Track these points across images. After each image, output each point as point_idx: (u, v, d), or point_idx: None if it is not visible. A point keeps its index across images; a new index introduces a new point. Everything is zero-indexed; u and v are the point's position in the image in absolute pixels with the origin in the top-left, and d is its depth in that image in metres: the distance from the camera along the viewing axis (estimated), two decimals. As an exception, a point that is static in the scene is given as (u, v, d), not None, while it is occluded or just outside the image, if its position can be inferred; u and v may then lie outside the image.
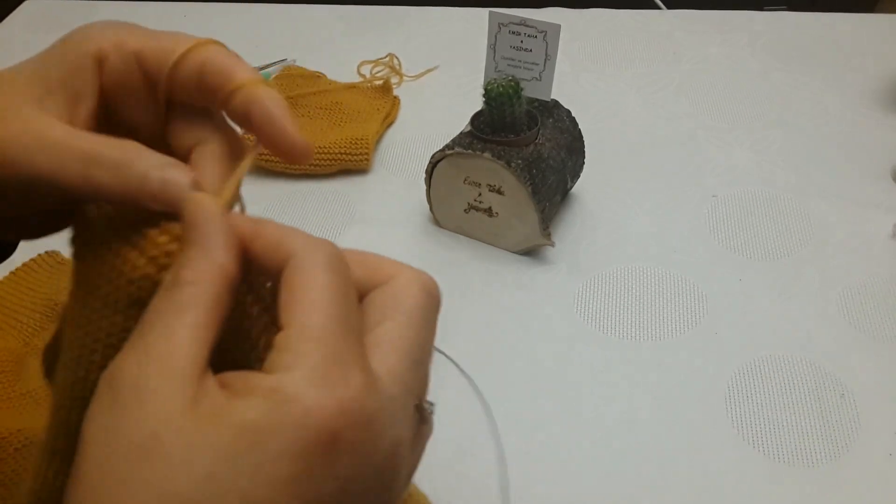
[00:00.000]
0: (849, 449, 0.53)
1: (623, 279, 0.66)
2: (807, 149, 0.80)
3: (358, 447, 0.22)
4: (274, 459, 0.21)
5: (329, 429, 0.21)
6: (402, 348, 0.24)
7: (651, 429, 0.55)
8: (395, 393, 0.24)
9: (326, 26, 1.02)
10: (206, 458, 0.20)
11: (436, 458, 0.35)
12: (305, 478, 0.21)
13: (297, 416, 0.21)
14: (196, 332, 0.22)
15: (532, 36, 0.64)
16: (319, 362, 0.22)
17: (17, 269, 0.66)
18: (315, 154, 0.77)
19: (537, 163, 0.63)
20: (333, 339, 0.22)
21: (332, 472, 0.21)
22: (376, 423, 0.22)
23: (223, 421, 0.21)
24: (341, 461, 0.21)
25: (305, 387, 0.21)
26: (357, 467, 0.22)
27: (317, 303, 0.23)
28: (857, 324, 0.62)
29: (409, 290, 0.26)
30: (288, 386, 0.21)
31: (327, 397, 0.21)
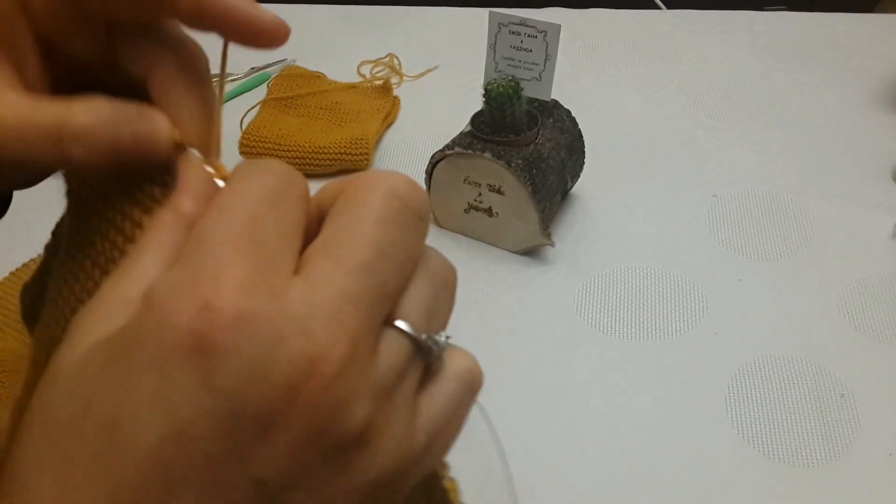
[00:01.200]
0: (849, 449, 0.53)
1: (623, 279, 0.66)
2: (807, 149, 0.80)
3: (237, 354, 0.18)
4: (132, 369, 0.18)
5: (190, 331, 0.18)
6: (339, 251, 0.20)
7: (651, 429, 0.55)
8: (317, 298, 0.19)
9: (326, 26, 1.02)
10: (78, 379, 0.19)
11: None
12: (172, 389, 0.18)
13: (154, 318, 0.18)
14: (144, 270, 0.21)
15: (532, 36, 0.64)
16: (192, 265, 0.19)
17: (17, 269, 0.66)
18: (315, 154, 0.77)
19: (537, 163, 0.63)
20: (218, 242, 0.19)
21: (206, 384, 0.18)
22: (267, 328, 0.18)
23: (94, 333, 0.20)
24: (217, 371, 0.18)
25: (167, 289, 0.19)
26: (244, 379, 0.18)
27: (220, 208, 0.20)
28: (858, 324, 0.62)
29: (362, 193, 0.21)
30: (152, 290, 0.19)
31: (188, 297, 0.18)
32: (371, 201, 0.21)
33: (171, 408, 0.18)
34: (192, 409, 0.18)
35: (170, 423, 0.18)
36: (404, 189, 0.21)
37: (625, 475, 0.53)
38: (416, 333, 0.21)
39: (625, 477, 0.52)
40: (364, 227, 0.21)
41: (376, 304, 0.20)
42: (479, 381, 0.23)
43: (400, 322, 0.21)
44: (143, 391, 0.18)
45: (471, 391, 0.23)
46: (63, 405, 0.19)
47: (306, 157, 0.77)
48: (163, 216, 0.23)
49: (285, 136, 0.78)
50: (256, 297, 0.18)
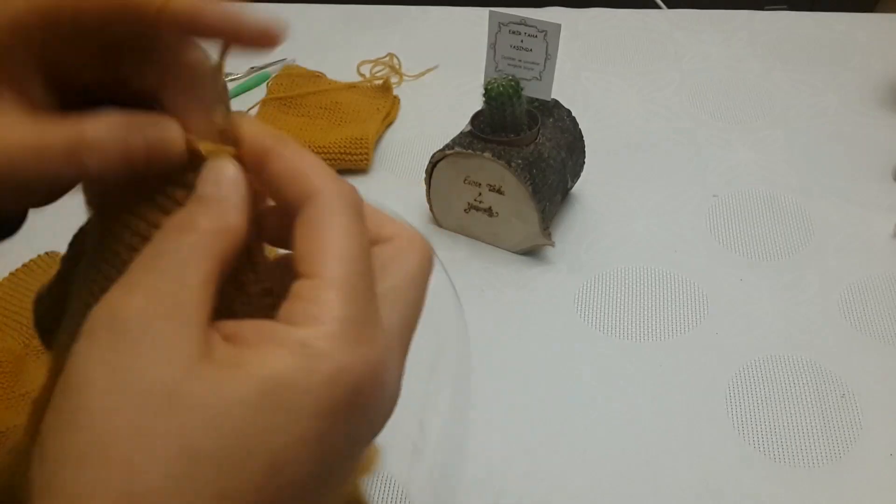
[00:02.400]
0: (850, 449, 0.53)
1: (623, 279, 0.66)
2: (807, 148, 0.80)
3: (372, 405, 0.22)
4: (302, 417, 0.20)
5: (357, 388, 0.21)
6: (403, 308, 0.24)
7: (651, 429, 0.55)
8: (396, 350, 0.23)
9: (326, 26, 1.02)
10: (230, 413, 0.19)
11: (430, 455, 0.35)
12: (328, 437, 0.20)
13: (329, 373, 0.20)
14: (206, 281, 0.21)
15: (532, 35, 0.63)
16: (349, 318, 0.21)
17: (17, 269, 0.66)
18: (315, 153, 0.77)
19: (537, 162, 0.63)
20: (360, 294, 0.22)
21: (349, 429, 0.21)
22: (388, 381, 0.22)
23: (245, 372, 0.20)
24: (357, 420, 0.21)
25: (337, 344, 0.20)
26: (367, 425, 0.22)
27: (343, 251, 0.22)
28: (858, 324, 0.62)
29: (410, 251, 0.25)
30: (318, 341, 0.20)
31: (357, 356, 0.21)
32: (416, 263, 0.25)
33: (324, 448, 0.20)
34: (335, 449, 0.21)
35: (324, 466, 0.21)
36: (430, 251, 0.26)
37: (625, 475, 0.53)
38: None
39: (625, 477, 0.52)
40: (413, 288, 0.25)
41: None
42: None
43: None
44: (308, 437, 0.20)
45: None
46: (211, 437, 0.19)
47: (306, 156, 0.76)
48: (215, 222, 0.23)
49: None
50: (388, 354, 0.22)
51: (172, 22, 0.24)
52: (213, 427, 0.19)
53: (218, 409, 0.19)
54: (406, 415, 0.26)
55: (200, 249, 0.22)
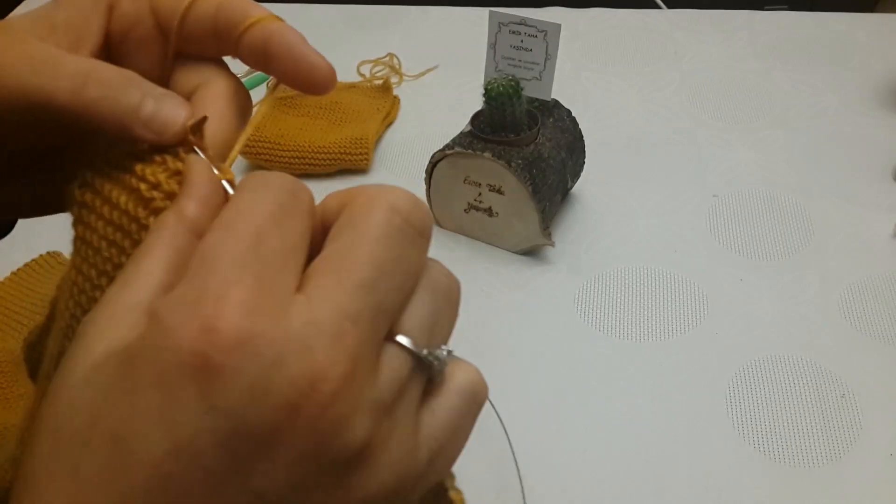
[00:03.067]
0: (850, 449, 0.53)
1: (623, 279, 0.66)
2: (807, 148, 0.80)
3: (238, 374, 0.18)
4: (137, 387, 0.19)
5: (194, 351, 0.18)
6: (340, 269, 0.20)
7: (651, 429, 0.55)
8: (317, 317, 0.19)
9: (326, 26, 1.02)
10: (87, 392, 0.20)
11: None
12: (175, 407, 0.18)
13: (159, 338, 0.19)
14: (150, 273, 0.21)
15: (532, 35, 0.63)
16: (196, 283, 0.19)
17: (19, 269, 0.66)
18: (315, 154, 0.77)
19: (537, 162, 0.63)
20: (222, 260, 0.20)
21: (208, 403, 0.18)
22: (267, 349, 0.18)
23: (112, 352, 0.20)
24: (218, 390, 0.18)
25: (172, 308, 0.19)
26: (244, 399, 0.18)
27: (225, 224, 0.21)
28: (859, 324, 0.62)
29: (366, 209, 0.22)
30: (158, 308, 0.19)
31: (191, 317, 0.19)
32: (372, 218, 0.21)
33: (174, 425, 0.18)
34: (193, 427, 0.18)
35: (173, 439, 0.18)
36: (406, 205, 0.22)
37: (625, 475, 0.53)
38: (417, 349, 0.21)
39: (625, 477, 0.52)
40: (365, 245, 0.21)
41: (377, 322, 0.20)
42: (483, 393, 0.24)
43: (401, 337, 0.21)
44: (148, 407, 0.19)
45: (475, 404, 0.23)
46: (71, 415, 0.20)
47: (306, 156, 0.76)
48: (165, 219, 0.23)
49: (285, 135, 0.78)
50: (258, 317, 0.19)
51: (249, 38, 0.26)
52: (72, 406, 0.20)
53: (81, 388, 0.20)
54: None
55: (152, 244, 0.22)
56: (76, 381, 0.20)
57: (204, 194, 0.23)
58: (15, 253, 0.67)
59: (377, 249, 0.21)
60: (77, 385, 0.20)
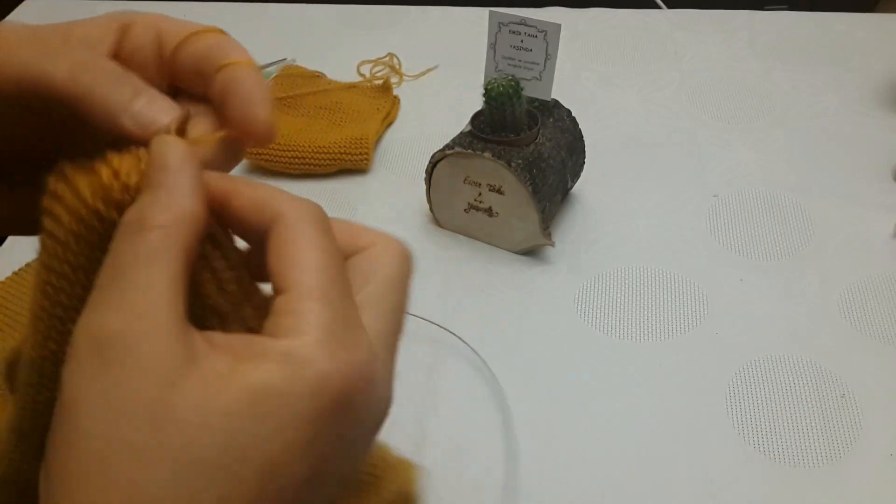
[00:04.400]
0: (850, 449, 0.53)
1: (623, 279, 0.66)
2: (807, 148, 0.80)
3: (362, 409, 0.22)
4: (292, 423, 0.21)
5: (342, 392, 0.21)
6: (385, 312, 0.24)
7: (651, 429, 0.55)
8: (383, 355, 0.24)
9: (326, 26, 1.02)
10: (223, 423, 0.20)
11: (431, 455, 0.35)
12: (317, 440, 0.21)
13: (315, 380, 0.21)
14: (172, 282, 0.22)
15: (532, 35, 0.63)
16: (328, 325, 0.22)
17: (20, 269, 0.66)
18: (315, 154, 0.77)
19: (537, 162, 0.63)
20: (337, 301, 0.22)
21: (338, 434, 0.22)
22: (376, 385, 0.23)
23: (236, 384, 0.21)
24: (348, 423, 0.22)
25: (319, 350, 0.21)
26: (360, 428, 0.23)
27: (314, 263, 0.23)
28: (858, 324, 0.62)
29: (388, 256, 0.26)
30: (301, 350, 0.21)
31: (342, 361, 0.21)
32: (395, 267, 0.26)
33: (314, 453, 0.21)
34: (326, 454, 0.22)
35: (313, 468, 0.21)
36: (409, 254, 0.27)
37: (625, 475, 0.53)
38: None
39: (625, 477, 0.52)
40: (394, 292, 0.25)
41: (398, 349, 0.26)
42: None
43: None
44: (298, 441, 0.21)
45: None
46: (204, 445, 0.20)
47: (306, 156, 0.76)
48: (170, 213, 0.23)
49: (285, 135, 0.78)
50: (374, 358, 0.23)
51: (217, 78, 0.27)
52: (206, 438, 0.20)
53: (209, 420, 0.20)
54: (406, 415, 0.26)
55: (161, 249, 0.22)
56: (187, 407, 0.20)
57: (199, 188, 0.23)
58: (15, 253, 0.67)
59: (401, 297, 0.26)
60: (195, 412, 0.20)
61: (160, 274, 0.21)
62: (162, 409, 0.20)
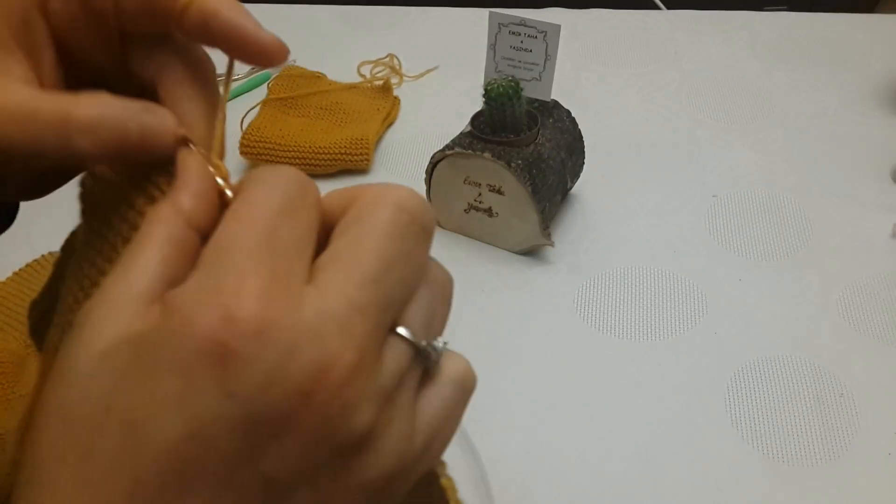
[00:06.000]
0: (848, 448, 0.53)
1: (623, 279, 0.66)
2: (807, 149, 0.80)
3: (255, 362, 0.19)
4: (154, 374, 0.19)
5: (213, 339, 0.19)
6: (350, 263, 0.21)
7: (651, 429, 0.55)
8: (328, 308, 0.20)
9: (326, 26, 1.02)
10: (100, 378, 0.20)
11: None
12: (192, 393, 0.19)
13: (177, 326, 0.19)
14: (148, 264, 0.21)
15: (532, 36, 0.64)
16: (213, 273, 0.20)
17: (20, 269, 0.66)
18: (315, 154, 0.77)
19: (537, 163, 0.64)
20: (236, 251, 0.20)
21: (224, 389, 0.19)
22: (282, 338, 0.19)
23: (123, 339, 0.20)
24: (236, 377, 0.19)
25: (190, 297, 0.20)
26: (260, 385, 0.19)
27: (237, 216, 0.21)
28: (857, 324, 0.62)
29: (372, 207, 0.22)
30: (175, 297, 0.20)
31: (210, 305, 0.19)
32: (380, 214, 0.22)
33: (191, 410, 0.19)
34: (210, 413, 0.19)
35: (189, 424, 0.19)
36: (412, 203, 0.23)
37: (625, 475, 0.53)
38: (417, 340, 0.22)
39: (625, 477, 0.53)
40: (373, 240, 0.22)
41: (383, 314, 0.21)
42: (472, 382, 0.25)
43: (402, 329, 0.22)
44: (165, 393, 0.19)
45: (465, 393, 0.24)
46: (83, 402, 0.20)
47: (307, 157, 0.77)
48: (161, 211, 0.23)
49: (286, 136, 0.78)
50: (274, 307, 0.19)
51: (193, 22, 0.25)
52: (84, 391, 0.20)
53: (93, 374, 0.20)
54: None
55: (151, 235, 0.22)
56: (84, 367, 0.20)
57: (198, 187, 0.23)
58: (15, 253, 0.67)
59: (385, 245, 0.22)
60: (86, 371, 0.20)
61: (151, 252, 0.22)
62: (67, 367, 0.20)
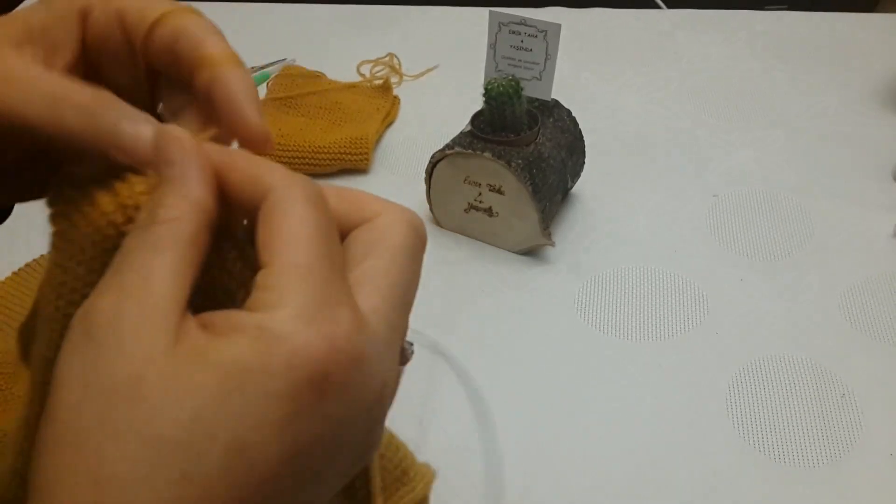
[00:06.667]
0: (850, 449, 0.53)
1: (623, 279, 0.66)
2: (807, 148, 0.80)
3: (348, 387, 0.21)
4: (262, 400, 0.20)
5: (319, 368, 0.20)
6: (386, 286, 0.23)
7: (651, 429, 0.55)
8: (380, 332, 0.23)
9: (326, 26, 1.02)
10: (190, 400, 0.20)
11: (431, 455, 0.35)
12: (295, 419, 0.20)
13: (286, 355, 0.20)
14: (175, 270, 0.21)
15: (532, 35, 0.63)
16: (307, 300, 0.21)
17: (20, 269, 0.66)
18: (315, 154, 0.77)
19: (537, 162, 0.63)
20: (319, 276, 0.21)
21: (322, 413, 0.21)
22: (365, 363, 0.22)
23: (207, 360, 0.20)
24: (331, 401, 0.21)
25: (294, 325, 0.20)
26: (347, 408, 0.21)
27: (299, 238, 0.22)
28: (859, 323, 0.62)
29: (394, 228, 0.24)
30: (275, 324, 0.20)
31: (317, 335, 0.20)
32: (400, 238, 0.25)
33: (292, 433, 0.20)
34: (307, 434, 0.21)
35: (293, 447, 0.21)
36: (420, 225, 0.25)
37: (625, 475, 0.53)
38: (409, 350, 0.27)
39: (625, 477, 0.52)
40: (399, 264, 0.24)
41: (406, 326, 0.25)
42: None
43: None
44: (271, 419, 0.20)
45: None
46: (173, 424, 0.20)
47: (306, 156, 0.77)
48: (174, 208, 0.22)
49: (285, 135, 0.78)
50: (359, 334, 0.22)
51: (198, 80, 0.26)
52: (170, 414, 0.20)
53: (178, 396, 0.20)
54: (406, 414, 0.26)
55: (167, 239, 0.22)
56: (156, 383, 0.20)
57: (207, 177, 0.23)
58: (15, 253, 0.67)
59: (408, 267, 0.24)
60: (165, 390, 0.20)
61: (163, 261, 0.21)
62: (136, 385, 0.20)
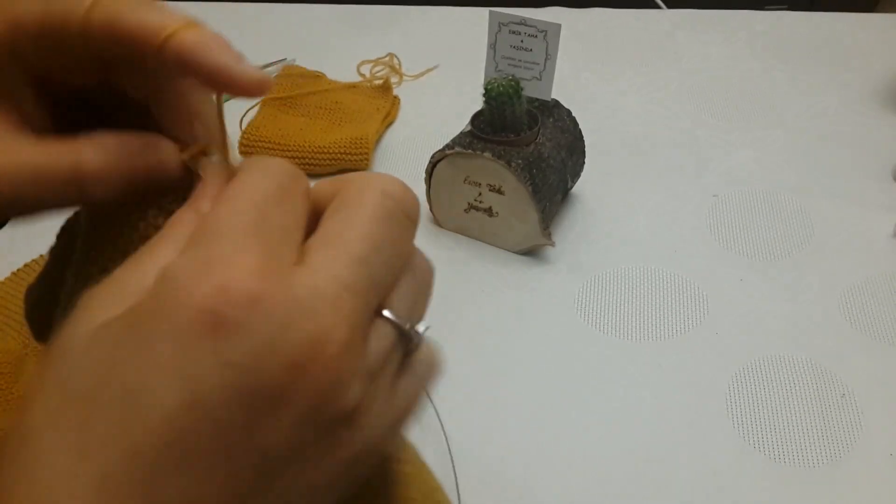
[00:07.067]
0: (850, 449, 0.53)
1: (623, 279, 0.66)
2: (807, 148, 0.80)
3: (250, 332, 0.19)
4: (150, 341, 0.20)
5: (207, 308, 0.19)
6: (338, 243, 0.22)
7: (651, 429, 0.55)
8: (319, 285, 0.21)
9: (326, 26, 1.02)
10: (98, 350, 0.20)
11: (431, 455, 0.35)
12: (187, 360, 0.19)
13: (172, 295, 0.20)
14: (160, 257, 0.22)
15: (532, 35, 0.63)
16: (211, 248, 0.21)
17: (19, 269, 0.66)
18: (315, 154, 0.77)
19: (537, 162, 0.63)
20: (230, 229, 0.21)
21: (220, 357, 0.19)
22: (277, 310, 0.20)
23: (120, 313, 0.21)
24: (232, 346, 0.19)
25: (184, 268, 0.20)
26: (253, 355, 0.19)
27: (231, 198, 0.22)
28: (859, 323, 0.62)
29: (360, 194, 0.23)
30: (170, 269, 0.20)
31: (206, 275, 0.20)
32: (367, 200, 0.23)
33: (189, 379, 0.19)
34: (207, 382, 0.19)
35: (186, 393, 0.19)
36: (397, 190, 0.24)
37: (625, 475, 0.53)
38: (402, 323, 0.23)
39: (625, 477, 0.52)
40: (361, 223, 0.23)
41: (370, 294, 0.22)
42: (440, 369, 0.26)
43: (388, 312, 0.23)
44: (161, 362, 0.19)
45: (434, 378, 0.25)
46: (80, 374, 0.20)
47: (306, 156, 0.77)
48: (182, 214, 0.24)
49: (285, 135, 0.78)
50: (266, 281, 0.20)
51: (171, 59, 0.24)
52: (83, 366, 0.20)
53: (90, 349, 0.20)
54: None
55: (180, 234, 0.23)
56: (82, 339, 0.21)
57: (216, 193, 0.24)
58: (15, 253, 0.67)
59: (372, 228, 0.23)
60: (83, 343, 0.21)
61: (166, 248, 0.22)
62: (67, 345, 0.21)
